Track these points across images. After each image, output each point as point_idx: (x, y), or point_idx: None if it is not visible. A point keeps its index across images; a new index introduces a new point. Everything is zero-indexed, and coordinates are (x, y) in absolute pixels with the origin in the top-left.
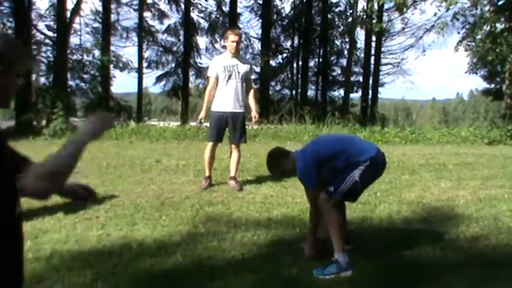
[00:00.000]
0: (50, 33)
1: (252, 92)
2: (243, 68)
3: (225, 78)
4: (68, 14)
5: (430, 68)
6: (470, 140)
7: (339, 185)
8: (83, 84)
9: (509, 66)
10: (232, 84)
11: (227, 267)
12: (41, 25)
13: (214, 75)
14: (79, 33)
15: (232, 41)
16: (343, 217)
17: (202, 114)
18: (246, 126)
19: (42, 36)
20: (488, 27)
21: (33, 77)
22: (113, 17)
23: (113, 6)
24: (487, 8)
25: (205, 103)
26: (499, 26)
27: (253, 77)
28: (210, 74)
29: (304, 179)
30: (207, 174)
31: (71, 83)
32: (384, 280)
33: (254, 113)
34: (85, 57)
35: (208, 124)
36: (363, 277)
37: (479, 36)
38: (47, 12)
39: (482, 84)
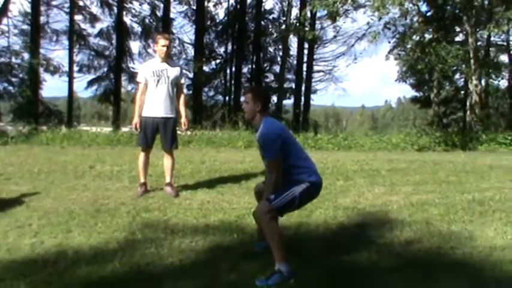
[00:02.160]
0: None
1: (182, 98)
2: (173, 72)
3: (154, 83)
4: None
5: (359, 75)
6: (401, 146)
7: (279, 195)
8: (11, 87)
9: (437, 75)
10: (162, 88)
11: (166, 274)
12: None
13: (143, 80)
14: (7, 34)
15: (163, 45)
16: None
17: (135, 120)
18: (179, 132)
19: None
20: (418, 37)
21: None
22: (43, 19)
23: (42, 8)
24: (415, 19)
25: (136, 109)
26: (428, 36)
27: (183, 81)
28: (139, 79)
29: (267, 146)
30: (142, 180)
31: None
32: (322, 285)
33: (184, 120)
34: (13, 59)
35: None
36: (301, 282)
37: (409, 46)
38: None
39: (410, 92)
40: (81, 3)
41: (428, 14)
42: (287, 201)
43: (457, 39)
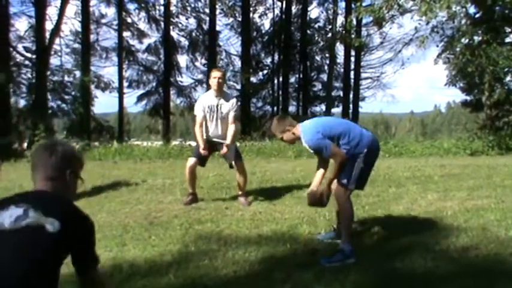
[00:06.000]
0: (29, 55)
1: (232, 127)
2: (227, 107)
3: (209, 118)
4: (47, 34)
5: (407, 81)
6: (453, 151)
7: (349, 175)
8: (64, 105)
9: (488, 77)
10: (217, 123)
11: (220, 286)
12: (21, 46)
13: (201, 114)
14: (59, 54)
15: (215, 77)
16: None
17: (202, 146)
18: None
19: (22, 58)
20: (467, 40)
21: (13, 99)
22: (93, 37)
23: (92, 26)
24: (464, 21)
25: (199, 138)
26: (477, 39)
27: (237, 113)
28: (197, 113)
29: (319, 148)
30: (190, 191)
31: (51, 104)
32: None
33: (227, 143)
34: (66, 78)
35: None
36: None
37: (458, 49)
38: (26, 33)
39: (459, 96)
40: (129, 20)
41: (477, 15)
42: (358, 175)
43: (508, 40)
